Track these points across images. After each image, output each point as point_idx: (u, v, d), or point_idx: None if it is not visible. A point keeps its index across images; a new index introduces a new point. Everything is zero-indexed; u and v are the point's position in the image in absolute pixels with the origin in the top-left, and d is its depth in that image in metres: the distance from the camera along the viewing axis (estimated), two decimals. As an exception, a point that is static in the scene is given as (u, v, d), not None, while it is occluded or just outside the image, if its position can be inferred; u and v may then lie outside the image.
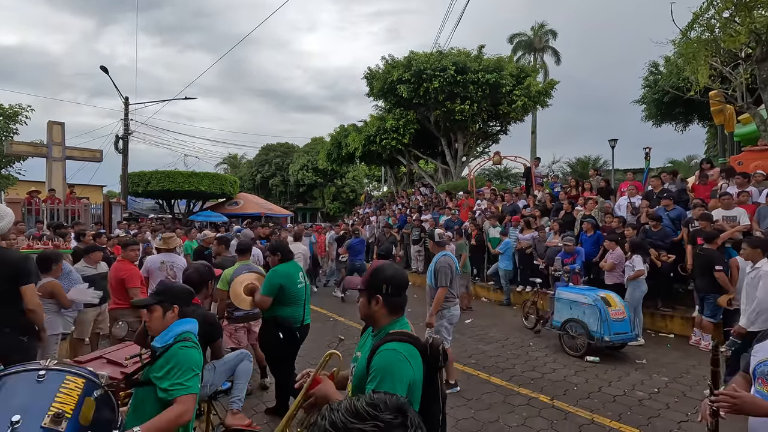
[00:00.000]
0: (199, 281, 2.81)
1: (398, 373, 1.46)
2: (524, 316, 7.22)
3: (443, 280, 4.27)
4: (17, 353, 2.81)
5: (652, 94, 15.13)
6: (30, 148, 14.23)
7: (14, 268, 2.95)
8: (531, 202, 10.38)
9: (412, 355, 1.52)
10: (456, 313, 4.54)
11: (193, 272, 2.83)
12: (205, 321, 2.71)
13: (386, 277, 1.65)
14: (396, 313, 1.67)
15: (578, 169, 17.09)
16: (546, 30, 31.24)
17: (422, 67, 13.28)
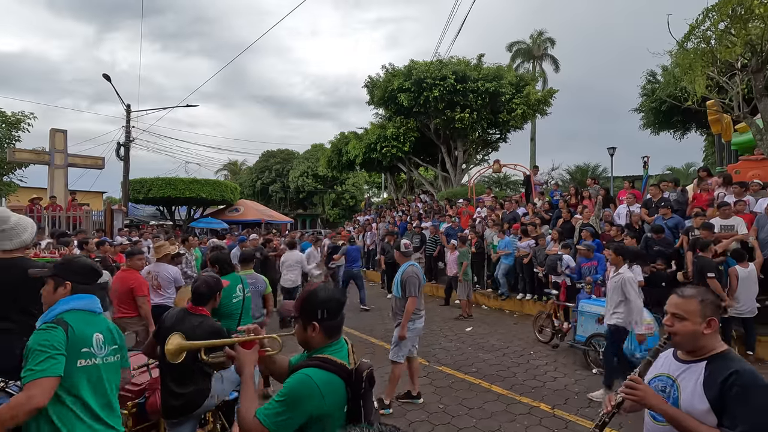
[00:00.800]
0: (208, 293, 2.86)
1: (300, 401, 1.44)
2: (538, 330, 6.90)
3: (412, 289, 4.21)
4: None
5: (650, 103, 15.26)
6: (32, 156, 14.31)
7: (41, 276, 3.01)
8: (530, 210, 10.45)
9: (327, 384, 1.48)
10: (420, 326, 4.45)
11: (202, 284, 2.87)
12: (212, 333, 2.75)
13: (321, 301, 1.60)
14: (333, 336, 1.63)
15: (577, 176, 17.20)
16: (545, 38, 31.54)
17: (422, 76, 13.42)
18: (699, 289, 1.63)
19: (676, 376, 1.60)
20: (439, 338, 7.01)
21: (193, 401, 2.69)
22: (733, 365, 1.48)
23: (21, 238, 2.94)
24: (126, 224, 15.19)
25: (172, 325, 2.75)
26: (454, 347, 6.45)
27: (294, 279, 7.65)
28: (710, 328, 1.55)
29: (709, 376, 1.49)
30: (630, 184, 9.41)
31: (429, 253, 11.67)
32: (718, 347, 1.56)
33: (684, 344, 1.59)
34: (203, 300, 2.83)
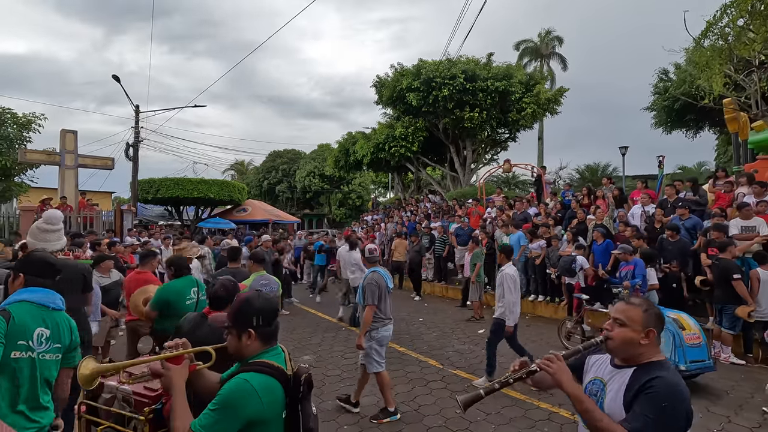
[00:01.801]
0: (227, 297, 2.80)
1: (237, 405, 1.42)
2: (565, 336, 6.57)
3: (370, 297, 4.07)
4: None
5: (662, 101, 15.05)
6: (43, 156, 14.42)
7: (83, 275, 3.13)
8: (542, 210, 10.32)
9: (266, 388, 1.47)
10: (386, 334, 4.22)
11: (220, 287, 2.82)
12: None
13: (255, 309, 1.60)
14: (269, 342, 1.62)
15: (587, 175, 17.00)
16: (552, 36, 31.28)
17: (431, 75, 13.32)
18: (647, 300, 1.61)
19: (606, 380, 1.59)
20: (451, 340, 6.93)
21: None
22: (658, 372, 1.45)
23: (63, 240, 3.12)
24: (135, 224, 15.26)
25: (190, 330, 2.70)
26: (467, 350, 6.37)
27: (354, 278, 7.52)
28: (648, 338, 1.52)
29: (630, 383, 1.48)
30: (644, 184, 9.26)
31: (438, 253, 11.59)
32: (653, 357, 1.53)
33: (617, 350, 1.56)
34: (221, 304, 2.78)
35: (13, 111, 16.68)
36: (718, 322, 5.95)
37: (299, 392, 1.53)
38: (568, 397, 1.50)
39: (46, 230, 3.07)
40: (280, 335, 1.73)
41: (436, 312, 9.22)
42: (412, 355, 6.10)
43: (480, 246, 9.27)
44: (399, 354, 6.12)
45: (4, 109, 16.51)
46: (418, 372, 5.38)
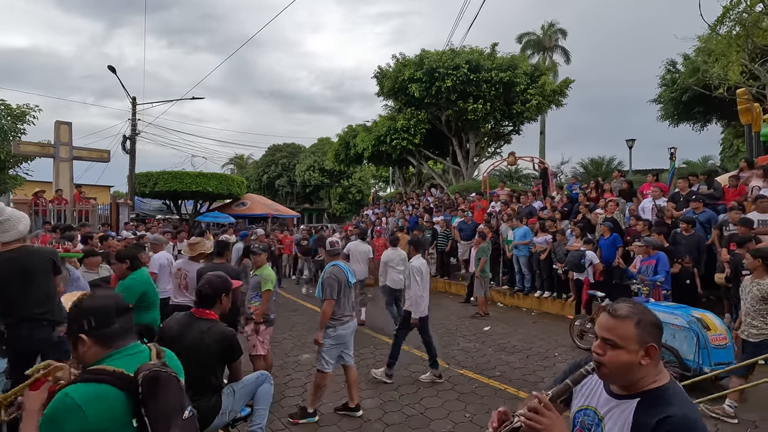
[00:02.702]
0: (213, 294, 2.55)
1: (59, 421, 1.30)
2: (578, 335, 6.26)
3: (328, 292, 3.83)
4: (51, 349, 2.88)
5: (669, 93, 14.72)
6: (37, 148, 14.12)
7: (51, 259, 3.07)
8: (548, 204, 10.05)
9: (93, 399, 1.32)
10: (344, 332, 3.96)
11: (205, 284, 2.57)
12: (223, 339, 2.44)
13: (85, 310, 1.46)
14: (111, 344, 1.46)
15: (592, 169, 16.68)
16: (556, 29, 30.82)
17: (435, 65, 12.96)
18: (636, 306, 1.28)
19: (603, 413, 1.30)
20: (457, 338, 6.69)
21: (203, 418, 2.39)
22: (669, 409, 1.16)
23: (17, 229, 2.93)
24: (132, 218, 14.99)
25: (178, 334, 2.44)
26: (473, 348, 6.13)
27: (400, 279, 6.70)
28: (649, 356, 1.22)
29: (638, 422, 1.20)
30: (654, 177, 8.98)
31: (441, 248, 11.34)
32: (658, 380, 1.24)
33: (614, 378, 1.26)
34: (208, 302, 2.53)
35: (6, 102, 16.35)
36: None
37: (138, 394, 1.35)
38: None
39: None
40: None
41: (439, 308, 8.97)
42: (416, 353, 5.84)
43: (486, 240, 9.00)
44: (402, 352, 5.83)
45: (-3, 100, 16.19)
46: (423, 371, 5.13)
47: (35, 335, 2.86)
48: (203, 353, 2.41)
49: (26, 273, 2.89)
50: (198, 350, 2.39)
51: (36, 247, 3.18)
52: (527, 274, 9.20)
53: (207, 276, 2.60)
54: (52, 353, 2.86)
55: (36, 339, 2.86)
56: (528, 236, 9.00)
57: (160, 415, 1.35)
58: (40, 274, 2.97)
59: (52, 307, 3.01)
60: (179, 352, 2.42)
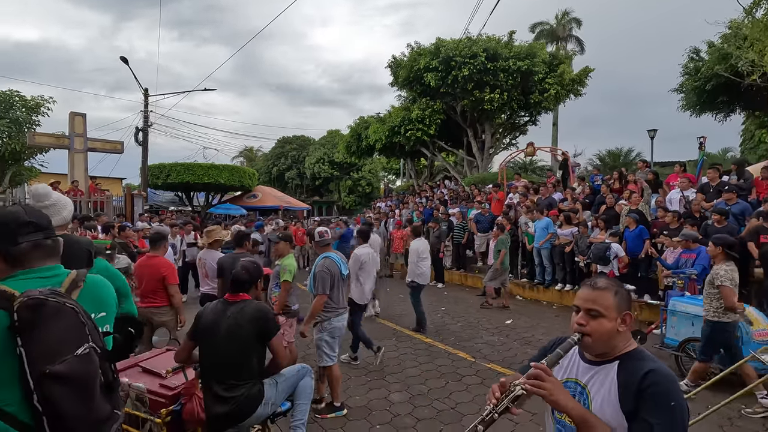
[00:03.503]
0: (249, 280, 2.47)
1: None
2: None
3: (320, 286, 3.72)
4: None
5: (692, 82, 14.25)
6: (52, 140, 14.16)
7: (88, 250, 2.91)
8: (569, 196, 9.81)
9: None
10: (338, 325, 3.88)
11: (242, 270, 2.47)
12: (259, 316, 2.34)
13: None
14: (15, 264, 1.32)
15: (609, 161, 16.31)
16: (570, 18, 30.14)
17: (451, 53, 12.66)
18: (611, 280, 1.41)
19: (585, 382, 1.37)
20: (479, 331, 6.54)
21: (243, 408, 2.28)
22: (647, 364, 1.28)
23: (62, 215, 2.79)
24: (146, 209, 15.03)
25: (213, 322, 2.34)
26: (498, 342, 5.98)
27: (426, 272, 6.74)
28: (625, 324, 1.34)
29: (623, 381, 1.29)
30: (682, 168, 8.70)
31: (457, 240, 11.17)
32: (629, 345, 1.36)
33: (597, 346, 1.34)
34: (244, 287, 2.43)
35: (21, 94, 16.42)
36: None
37: (14, 321, 1.16)
38: (572, 420, 1.24)
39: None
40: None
41: (457, 301, 8.85)
42: (440, 346, 5.73)
43: (505, 232, 8.82)
44: (426, 345, 5.76)
45: (12, 91, 16.25)
46: (450, 366, 5.01)
47: None
48: (241, 334, 2.32)
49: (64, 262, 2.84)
50: (235, 333, 2.31)
51: (76, 236, 3.06)
52: (548, 267, 9.01)
53: (243, 262, 2.49)
54: None
55: None
56: (550, 228, 8.80)
57: (40, 349, 1.15)
58: (75, 265, 2.90)
59: None
60: (218, 341, 2.34)
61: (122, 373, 2.78)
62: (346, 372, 4.77)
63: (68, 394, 1.16)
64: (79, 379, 1.20)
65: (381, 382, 4.54)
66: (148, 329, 4.28)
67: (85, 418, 1.20)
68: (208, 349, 2.34)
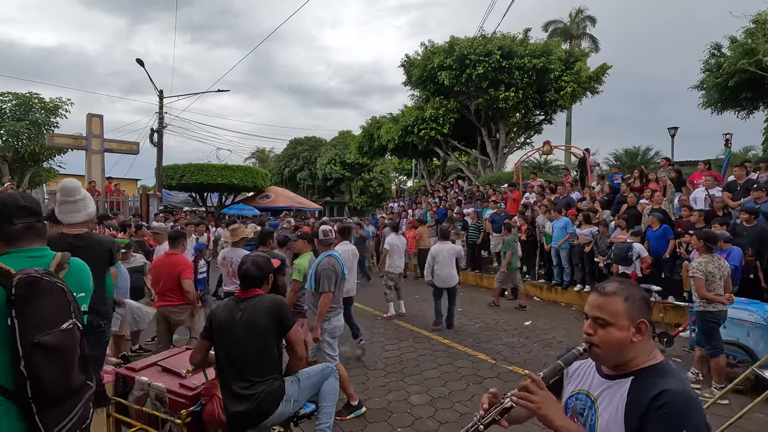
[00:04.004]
0: (260, 275, 2.40)
1: None
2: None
3: (327, 284, 3.65)
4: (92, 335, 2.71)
5: (714, 78, 13.88)
6: (70, 141, 14.39)
7: (110, 250, 2.95)
8: (587, 195, 9.59)
9: None
10: (338, 324, 3.83)
11: (252, 266, 2.40)
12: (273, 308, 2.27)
13: None
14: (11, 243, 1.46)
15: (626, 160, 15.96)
16: (584, 16, 29.71)
17: (466, 52, 12.51)
18: (624, 283, 1.24)
19: (596, 396, 1.25)
20: (498, 333, 6.40)
21: (264, 406, 2.20)
22: (664, 382, 1.12)
23: (88, 210, 2.86)
24: (160, 209, 15.17)
25: (227, 318, 2.26)
26: (518, 343, 5.83)
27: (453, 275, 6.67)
28: (641, 333, 1.19)
29: (632, 400, 1.15)
30: (706, 166, 8.43)
31: (472, 240, 11.01)
32: (651, 358, 1.20)
33: (607, 358, 1.21)
34: (255, 283, 2.36)
35: (40, 96, 16.76)
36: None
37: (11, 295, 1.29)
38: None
39: (62, 202, 2.77)
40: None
41: (473, 302, 8.70)
42: (459, 348, 5.60)
43: (512, 233, 8.69)
44: (444, 347, 5.64)
45: (32, 94, 16.59)
46: (470, 368, 4.89)
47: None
48: (258, 328, 2.23)
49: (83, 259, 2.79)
50: (252, 327, 2.22)
51: (100, 235, 3.05)
52: (567, 268, 8.81)
53: (251, 257, 2.42)
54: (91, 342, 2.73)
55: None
56: (569, 228, 8.61)
57: (32, 321, 1.29)
58: (96, 265, 2.86)
59: (100, 296, 2.88)
60: (234, 337, 2.23)
61: (142, 372, 2.73)
62: (363, 373, 4.69)
63: (51, 363, 1.31)
64: (61, 350, 1.34)
65: (400, 383, 4.44)
66: (165, 328, 4.27)
67: (63, 385, 1.35)
68: (224, 347, 2.27)
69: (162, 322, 4.27)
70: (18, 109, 16.22)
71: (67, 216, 2.76)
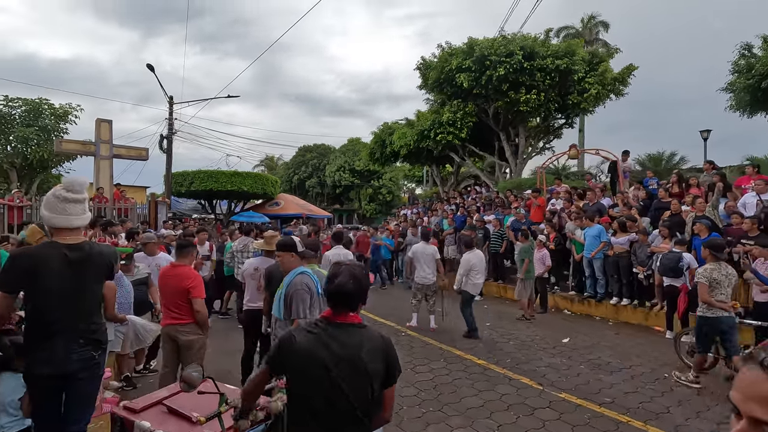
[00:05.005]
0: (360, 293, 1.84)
1: None
2: (688, 352, 5.17)
3: (300, 308, 2.94)
4: (86, 370, 2.25)
5: (744, 80, 13.24)
6: (79, 146, 14.10)
7: (110, 263, 2.43)
8: (620, 201, 8.98)
9: None
10: None
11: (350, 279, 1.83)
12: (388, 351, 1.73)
13: None
14: None
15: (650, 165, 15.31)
16: (597, 21, 29.24)
17: (486, 52, 12.03)
18: None
19: None
20: (536, 351, 5.79)
21: None
22: None
23: (87, 215, 2.41)
24: (169, 216, 14.80)
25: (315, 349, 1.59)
26: (562, 365, 5.23)
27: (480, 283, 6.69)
28: None
29: None
30: (755, 169, 7.82)
31: (494, 249, 10.42)
32: None
33: None
34: (351, 304, 1.69)
35: (50, 102, 16.60)
36: None
37: None
38: None
39: (66, 199, 2.24)
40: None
41: (500, 316, 8.10)
42: (497, 370, 5.02)
43: (529, 240, 8.17)
44: (481, 368, 5.05)
45: (41, 99, 16.44)
46: (515, 395, 4.30)
47: (72, 356, 2.16)
48: (364, 371, 1.60)
49: (82, 276, 2.23)
50: (356, 369, 1.59)
51: (101, 247, 2.49)
52: (601, 279, 8.19)
53: (346, 267, 1.74)
54: (84, 377, 2.21)
55: (72, 360, 2.16)
56: (603, 236, 8.01)
57: None
58: (94, 281, 2.33)
59: (98, 322, 2.36)
60: (330, 379, 1.57)
61: (143, 413, 2.21)
62: (397, 402, 4.12)
63: None
64: None
65: (439, 414, 3.87)
66: (172, 349, 3.75)
67: None
68: (309, 389, 1.63)
69: (168, 342, 3.75)
70: (28, 115, 16.06)
71: (67, 219, 2.22)
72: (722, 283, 4.35)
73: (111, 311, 3.34)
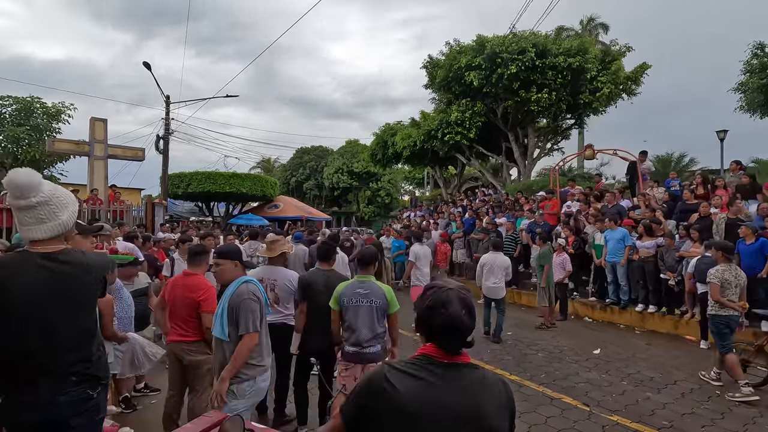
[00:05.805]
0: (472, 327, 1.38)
1: None
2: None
3: (251, 322, 2.46)
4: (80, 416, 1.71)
5: (758, 80, 13.02)
6: (72, 146, 13.54)
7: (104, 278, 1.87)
8: (642, 203, 8.62)
9: None
10: (264, 386, 2.64)
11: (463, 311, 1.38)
12: (509, 394, 1.27)
13: None
14: None
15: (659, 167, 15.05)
16: (596, 23, 29.11)
17: (497, 50, 11.67)
18: None
19: None
20: (569, 364, 5.37)
21: None
22: None
23: (59, 219, 1.73)
24: (166, 219, 14.30)
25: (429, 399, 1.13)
26: (602, 381, 4.80)
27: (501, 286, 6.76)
28: None
29: None
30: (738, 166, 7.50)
31: (508, 253, 10.02)
32: None
33: None
34: (464, 341, 1.28)
35: (42, 100, 16.02)
36: None
37: None
38: None
39: (18, 207, 1.70)
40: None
41: (520, 324, 7.70)
42: (534, 387, 4.58)
43: (548, 244, 7.81)
44: (515, 386, 4.59)
45: (33, 98, 15.85)
46: (560, 417, 3.86)
47: (60, 398, 1.64)
48: (488, 425, 1.15)
49: (65, 298, 1.68)
50: (479, 423, 1.14)
51: (88, 255, 1.86)
52: (624, 285, 7.80)
53: (458, 294, 1.21)
54: (77, 424, 1.70)
55: (61, 403, 1.64)
56: (627, 240, 7.63)
57: None
58: (85, 302, 1.76)
59: (91, 352, 1.77)
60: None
61: None
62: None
63: None
64: None
65: None
66: (178, 369, 3.28)
67: None
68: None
69: (174, 361, 3.28)
70: (18, 113, 15.46)
71: (24, 231, 1.70)
72: (732, 284, 4.52)
73: (110, 329, 2.89)
